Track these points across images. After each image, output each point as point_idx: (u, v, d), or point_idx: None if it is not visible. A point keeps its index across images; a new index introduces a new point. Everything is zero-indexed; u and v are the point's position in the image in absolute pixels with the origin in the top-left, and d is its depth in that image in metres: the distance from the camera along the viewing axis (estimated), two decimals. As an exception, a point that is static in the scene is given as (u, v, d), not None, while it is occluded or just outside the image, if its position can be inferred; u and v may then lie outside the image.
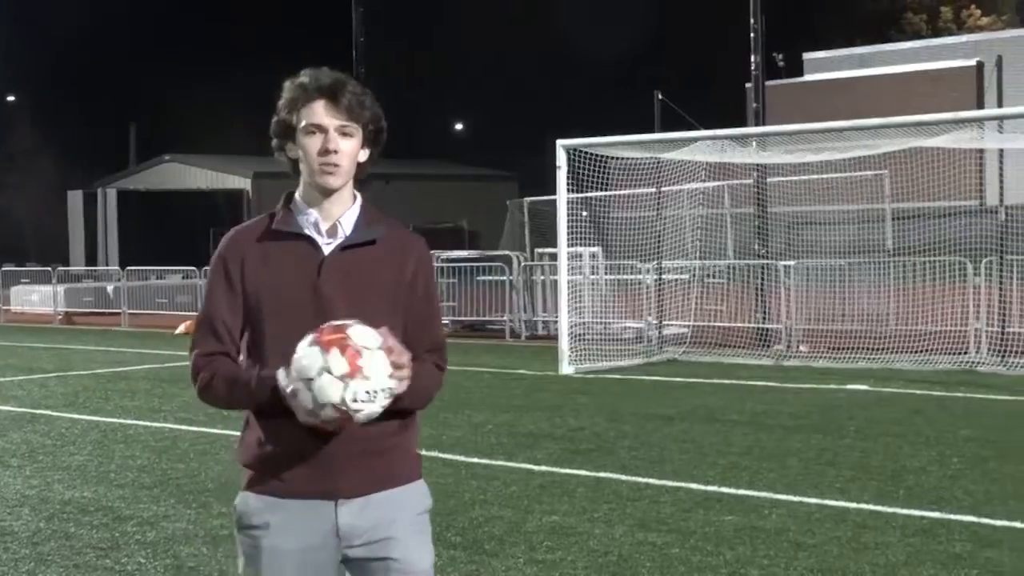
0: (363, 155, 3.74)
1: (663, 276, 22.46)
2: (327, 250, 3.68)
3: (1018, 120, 20.38)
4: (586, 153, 20.45)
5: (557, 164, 19.49)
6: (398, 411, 3.64)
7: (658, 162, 21.70)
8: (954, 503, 9.02)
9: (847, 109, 32.51)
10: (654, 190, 22.22)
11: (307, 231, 3.69)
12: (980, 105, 38.49)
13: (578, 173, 20.31)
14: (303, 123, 3.64)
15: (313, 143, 3.63)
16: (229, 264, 3.71)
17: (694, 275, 22.89)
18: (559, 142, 19.62)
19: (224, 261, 3.73)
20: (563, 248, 19.70)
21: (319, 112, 3.63)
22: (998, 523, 8.38)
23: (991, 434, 12.20)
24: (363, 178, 3.78)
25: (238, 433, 3.78)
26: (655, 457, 11.20)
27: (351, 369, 3.38)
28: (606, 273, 24.14)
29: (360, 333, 3.44)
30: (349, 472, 3.63)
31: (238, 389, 3.65)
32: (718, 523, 8.50)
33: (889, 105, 33.78)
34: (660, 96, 24.00)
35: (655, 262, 22.28)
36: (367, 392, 3.39)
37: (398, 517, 3.69)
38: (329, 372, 3.38)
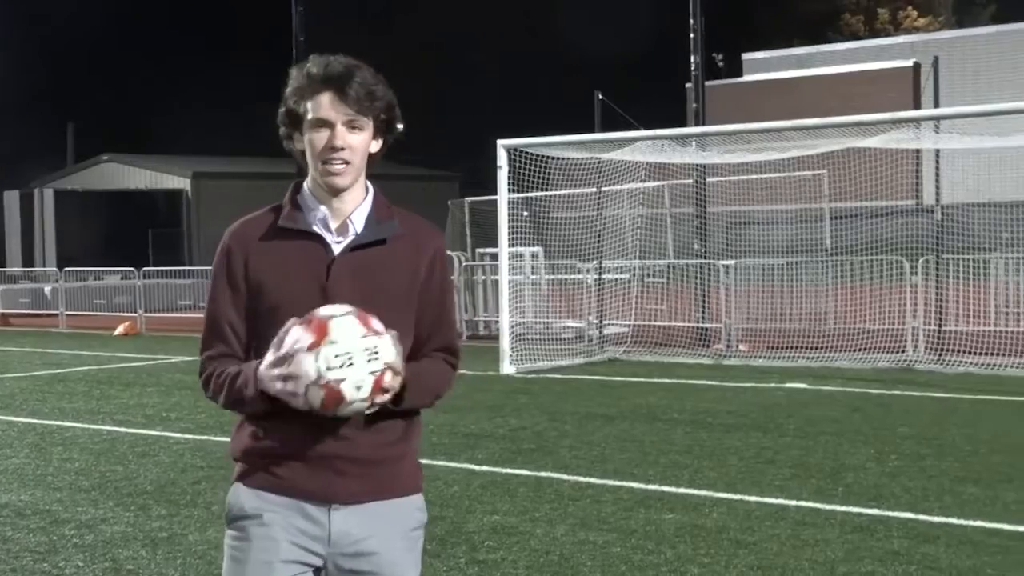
0: (375, 146, 3.54)
1: (603, 276, 22.52)
2: (337, 250, 3.48)
3: (954, 120, 20.56)
4: (527, 153, 20.47)
5: (498, 164, 19.50)
6: (403, 412, 3.51)
7: (598, 162, 21.74)
8: (892, 500, 9.10)
9: (786, 109, 32.64)
10: (594, 190, 22.26)
11: (316, 229, 3.49)
12: (917, 105, 38.75)
13: (519, 173, 20.32)
14: (309, 116, 3.42)
15: (319, 138, 3.43)
16: (233, 261, 3.51)
17: (634, 275, 22.94)
18: (500, 142, 19.62)
19: (228, 258, 3.52)
20: (504, 248, 19.71)
21: (325, 105, 3.41)
22: (935, 519, 8.48)
23: (928, 432, 12.33)
24: (374, 169, 3.58)
25: (176, 435, 3.73)
26: (596, 456, 11.23)
27: (316, 337, 3.22)
28: (547, 273, 24.16)
29: (328, 307, 3.30)
30: (348, 477, 3.46)
31: (234, 393, 3.44)
32: (659, 521, 8.53)
33: (828, 105, 33.99)
34: (600, 96, 23.98)
35: (595, 262, 22.34)
36: (337, 356, 3.20)
37: (391, 531, 3.56)
38: (301, 349, 3.23)
